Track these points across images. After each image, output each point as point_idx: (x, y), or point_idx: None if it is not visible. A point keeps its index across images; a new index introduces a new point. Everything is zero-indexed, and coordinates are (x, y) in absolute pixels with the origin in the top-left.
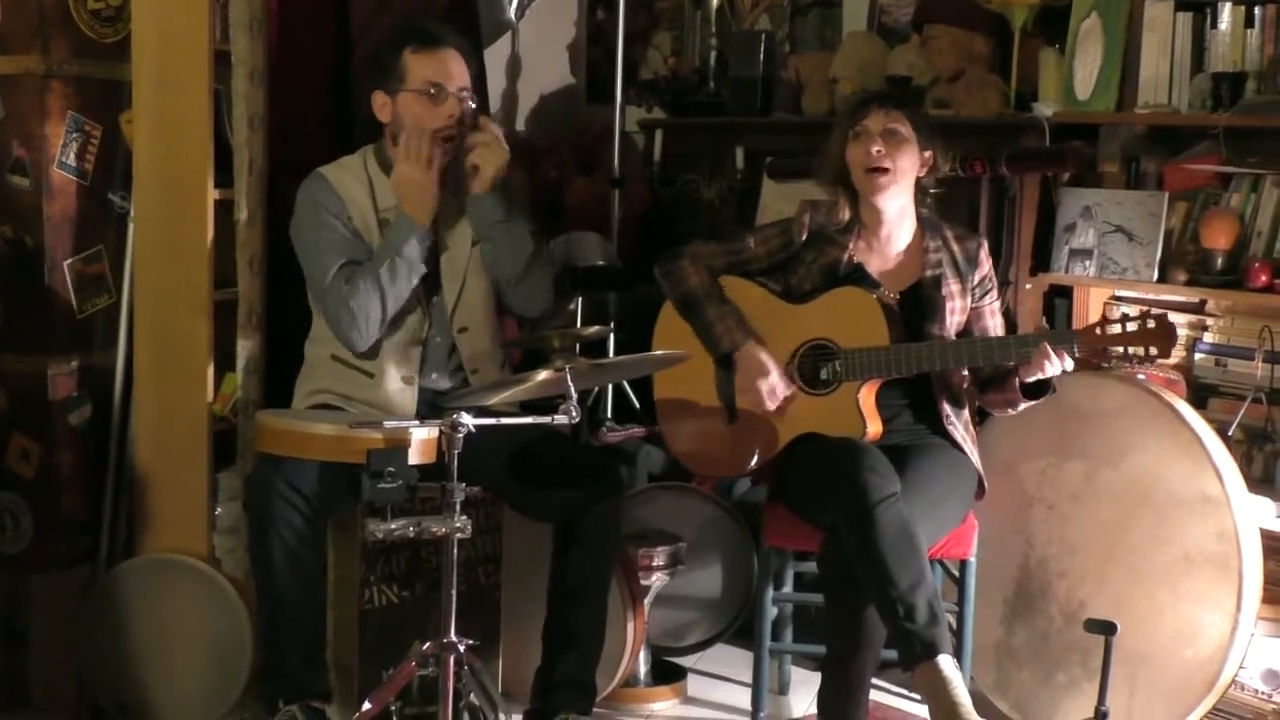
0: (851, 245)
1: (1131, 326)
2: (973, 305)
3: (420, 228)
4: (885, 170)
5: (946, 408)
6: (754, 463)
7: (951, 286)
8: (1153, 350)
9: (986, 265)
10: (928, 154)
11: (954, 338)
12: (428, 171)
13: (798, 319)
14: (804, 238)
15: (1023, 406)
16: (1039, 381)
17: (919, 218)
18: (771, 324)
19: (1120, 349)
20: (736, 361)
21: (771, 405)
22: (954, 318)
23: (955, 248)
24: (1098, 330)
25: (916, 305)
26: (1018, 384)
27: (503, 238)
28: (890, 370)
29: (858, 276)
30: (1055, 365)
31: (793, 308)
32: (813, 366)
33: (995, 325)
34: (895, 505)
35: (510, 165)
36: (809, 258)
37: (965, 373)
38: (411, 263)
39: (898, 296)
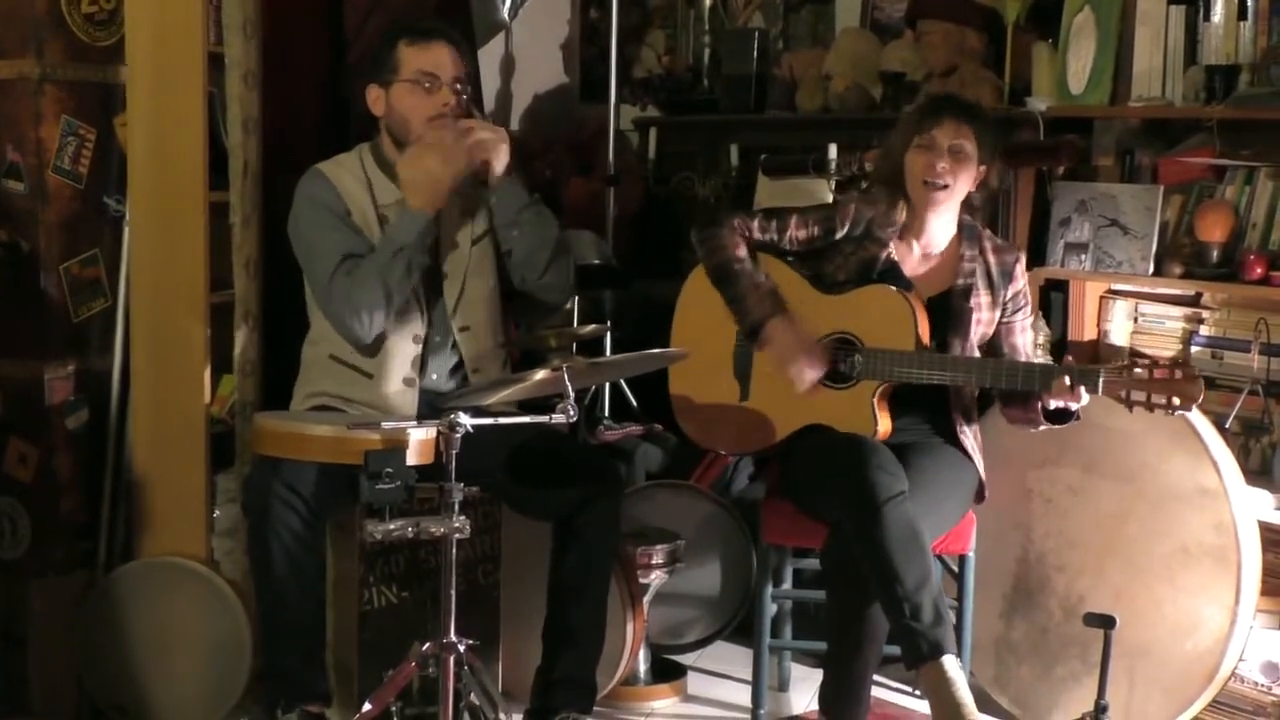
0: (891, 244)
1: (1160, 374)
2: (1003, 320)
3: (425, 220)
4: (945, 187)
5: (958, 418)
6: (763, 445)
7: (981, 299)
8: (1175, 400)
9: (1022, 281)
10: (983, 168)
11: (975, 349)
12: (447, 165)
13: (826, 308)
14: (845, 230)
15: (1043, 428)
16: (1063, 407)
17: (960, 224)
18: (799, 309)
19: (1144, 395)
20: (767, 336)
21: (800, 386)
22: (979, 329)
23: (991, 259)
24: (1124, 372)
25: (943, 313)
26: (1040, 407)
27: (530, 222)
28: (911, 375)
29: (892, 276)
30: (1073, 401)
31: (823, 296)
32: (833, 359)
33: (1024, 343)
34: (903, 504)
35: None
36: (848, 249)
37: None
38: (414, 256)
39: (926, 302)
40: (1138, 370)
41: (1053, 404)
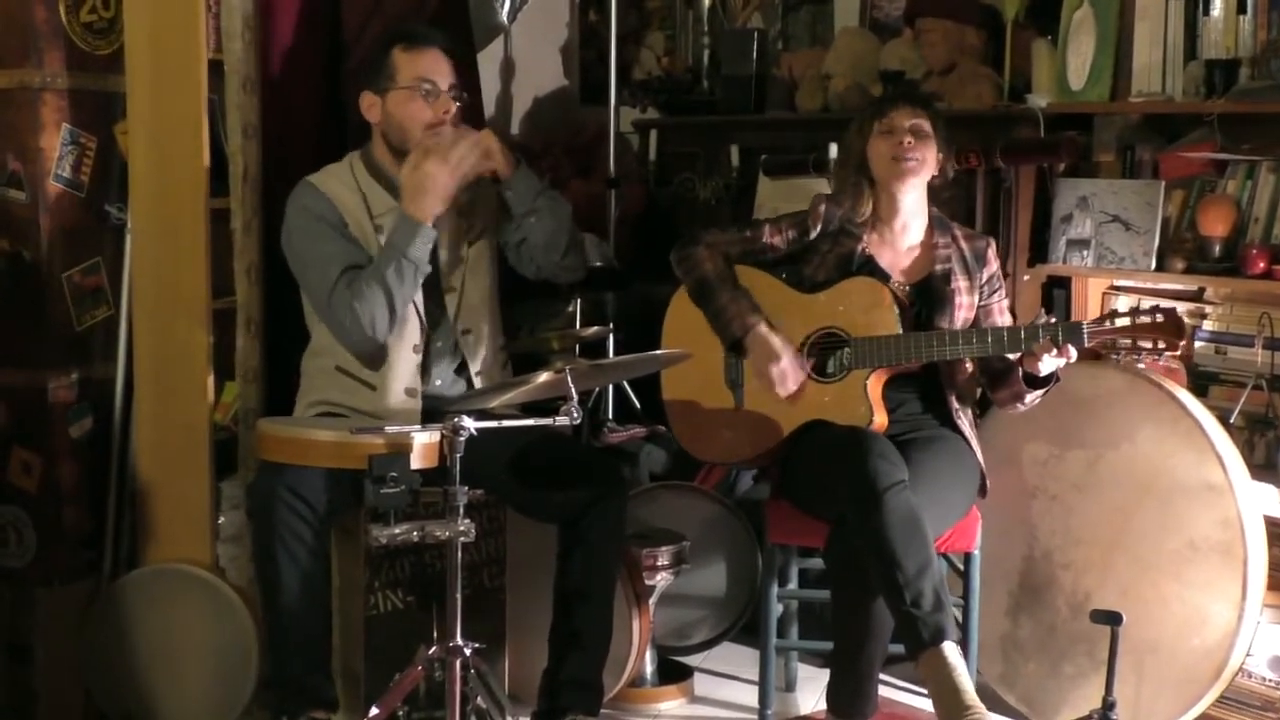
0: (865, 238)
1: (1142, 319)
2: (981, 303)
3: (425, 229)
4: (913, 161)
5: (953, 399)
6: (762, 449)
7: (960, 282)
8: (1161, 344)
9: (995, 264)
10: (940, 156)
11: None
12: (451, 170)
13: (809, 308)
14: (819, 230)
15: (1030, 398)
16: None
17: (929, 215)
18: (783, 313)
19: (1129, 341)
20: (748, 346)
21: (783, 391)
22: (961, 313)
23: (964, 245)
24: (1107, 322)
25: (926, 299)
26: (1021, 375)
27: (547, 206)
28: (900, 358)
29: (869, 269)
30: (1056, 359)
31: (804, 297)
32: (822, 355)
33: (1003, 324)
34: (903, 492)
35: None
36: (824, 248)
37: (969, 368)
38: (417, 263)
39: (908, 289)
40: (1120, 319)
41: (1031, 370)
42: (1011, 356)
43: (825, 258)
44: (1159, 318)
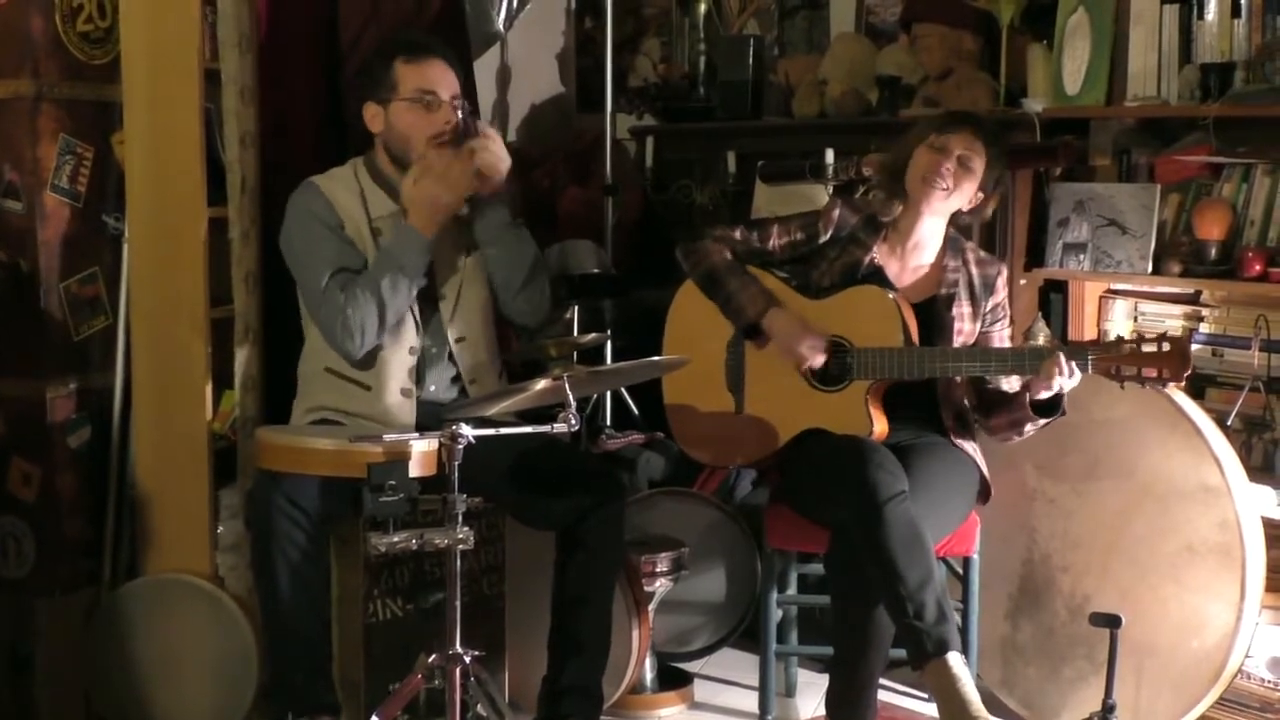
0: (875, 248)
1: (1148, 348)
2: (981, 330)
3: (424, 241)
4: (944, 189)
5: (950, 422)
6: (761, 454)
7: (964, 308)
8: (1165, 373)
9: (1002, 293)
10: (981, 195)
11: None
12: (452, 190)
13: (813, 314)
14: (829, 234)
15: (1030, 428)
16: (1050, 401)
17: (944, 235)
18: None
19: (1134, 369)
20: (767, 327)
21: (816, 364)
22: (960, 339)
23: (974, 270)
24: (1112, 350)
25: (926, 321)
26: (1028, 401)
27: (509, 243)
28: (902, 372)
29: (877, 279)
30: (1066, 378)
31: (808, 302)
32: (827, 360)
33: None
34: (904, 503)
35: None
36: (832, 254)
37: (968, 393)
38: (412, 275)
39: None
40: (1126, 346)
41: (1040, 394)
42: (1012, 387)
43: (833, 264)
44: (1165, 346)
